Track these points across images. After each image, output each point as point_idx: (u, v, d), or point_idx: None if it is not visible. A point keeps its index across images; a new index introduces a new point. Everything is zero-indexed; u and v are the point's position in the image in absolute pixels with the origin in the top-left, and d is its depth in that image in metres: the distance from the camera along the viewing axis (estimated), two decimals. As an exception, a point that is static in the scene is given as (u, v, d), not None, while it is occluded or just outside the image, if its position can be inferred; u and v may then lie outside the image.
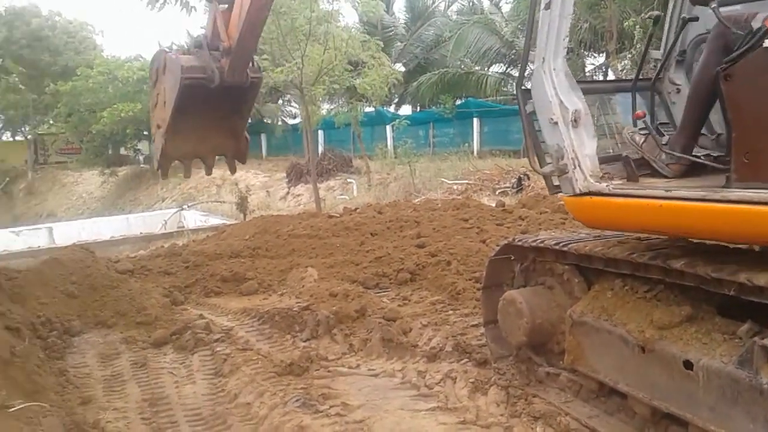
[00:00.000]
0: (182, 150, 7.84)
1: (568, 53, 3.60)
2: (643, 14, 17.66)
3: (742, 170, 2.82)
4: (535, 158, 3.64)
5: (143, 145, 37.23)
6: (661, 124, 3.94)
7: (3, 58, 37.18)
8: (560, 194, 3.66)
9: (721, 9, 3.29)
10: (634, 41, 18.95)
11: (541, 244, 4.15)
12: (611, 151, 3.84)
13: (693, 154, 3.47)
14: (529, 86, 3.62)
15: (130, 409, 4.35)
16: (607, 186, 3.34)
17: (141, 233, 16.94)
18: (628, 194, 3.26)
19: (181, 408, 4.35)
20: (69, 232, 19.39)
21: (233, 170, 8.31)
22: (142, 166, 38.21)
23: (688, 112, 3.51)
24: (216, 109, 8.02)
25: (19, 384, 4.05)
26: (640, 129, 3.77)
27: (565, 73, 3.47)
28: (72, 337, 5.68)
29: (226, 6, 7.81)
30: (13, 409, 3.66)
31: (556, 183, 3.61)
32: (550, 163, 3.55)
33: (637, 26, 17.80)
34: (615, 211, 3.33)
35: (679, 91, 4.02)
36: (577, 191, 3.42)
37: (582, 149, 3.41)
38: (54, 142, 42.85)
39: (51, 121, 40.20)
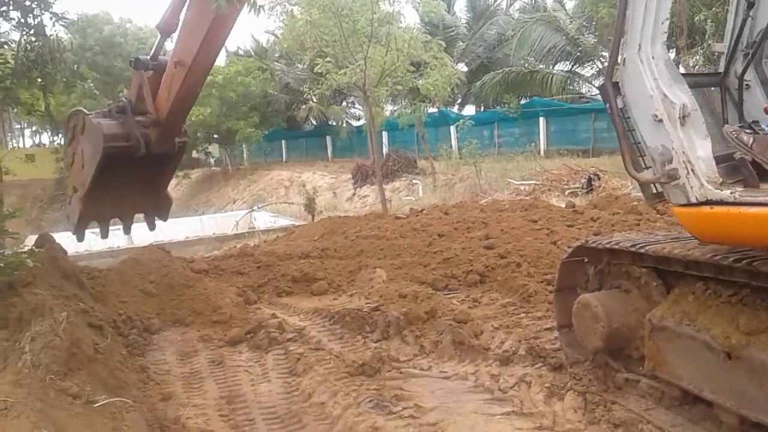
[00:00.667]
0: (101, 213, 7.97)
1: (667, 40, 3.16)
2: (715, 7, 17.03)
3: None
4: (630, 161, 3.24)
5: (213, 148, 38.22)
6: (754, 122, 3.51)
7: (78, 65, 38.83)
8: (659, 203, 3.35)
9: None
10: (706, 36, 18.27)
11: (617, 246, 4.03)
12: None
13: None
14: (619, 80, 3.25)
15: (208, 406, 4.48)
16: (732, 194, 2.91)
17: (214, 234, 17.42)
18: (761, 203, 2.79)
19: (258, 406, 4.45)
20: (146, 233, 20.07)
21: (152, 227, 8.82)
22: (213, 168, 39.29)
23: None
24: (139, 173, 8.04)
25: (102, 380, 4.22)
26: (740, 127, 3.39)
27: (666, 62, 3.09)
28: (152, 335, 5.91)
29: (152, 72, 7.79)
30: (97, 404, 3.83)
31: (657, 190, 3.24)
32: (649, 167, 3.16)
33: (709, 20, 17.15)
34: (744, 223, 2.87)
35: (748, 87, 3.67)
36: (693, 200, 3.01)
37: (694, 151, 3.01)
38: (127, 147, 44.42)
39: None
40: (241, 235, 16.50)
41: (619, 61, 3.21)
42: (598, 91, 27.92)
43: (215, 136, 35.27)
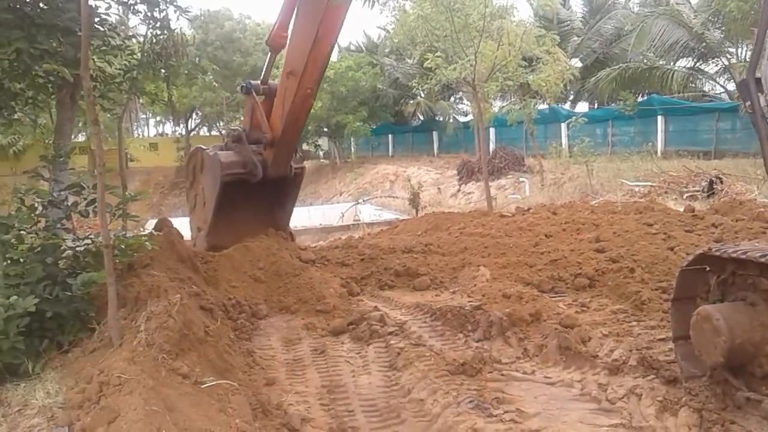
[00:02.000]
0: (225, 246, 7.84)
1: None
2: None
3: None
4: None
5: (323, 141, 39.14)
6: None
7: (199, 58, 40.82)
8: None
9: None
10: None
11: (743, 256, 3.74)
12: None
13: None
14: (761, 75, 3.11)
15: (310, 394, 4.56)
16: None
17: (320, 225, 17.81)
18: None
19: (358, 398, 4.49)
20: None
21: None
22: (322, 161, 40.25)
23: None
24: (259, 202, 8.19)
25: (211, 362, 4.38)
26: None
27: None
28: (259, 320, 6.09)
29: (264, 96, 7.95)
30: (205, 385, 3.98)
31: None
32: None
33: None
34: None
35: None
36: None
37: None
38: (242, 137, 46.30)
39: (242, 117, 43.46)
40: (346, 226, 16.78)
41: (763, 55, 3.04)
42: (722, 90, 26.44)
43: (325, 129, 36.09)
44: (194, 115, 47.24)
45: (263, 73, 8.19)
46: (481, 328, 5.52)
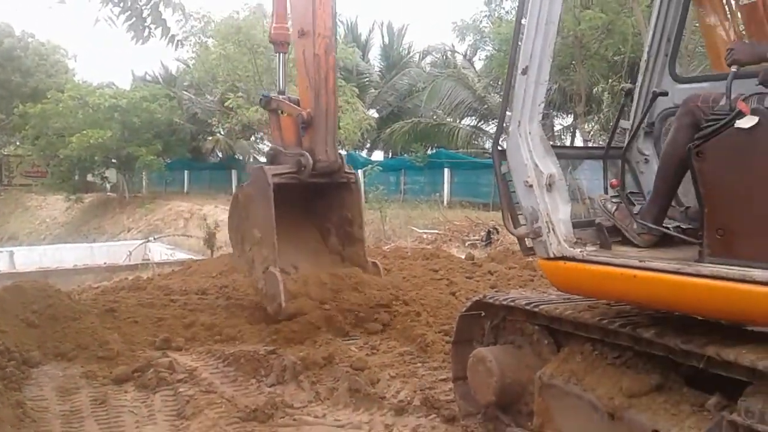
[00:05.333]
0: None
1: (543, 118, 3.66)
2: (612, 80, 18.31)
3: (714, 246, 2.91)
4: (509, 218, 3.68)
5: (111, 173, 36.76)
6: (631, 193, 4.00)
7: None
8: (533, 257, 3.69)
9: (688, 86, 3.43)
10: (602, 105, 19.62)
11: (512, 303, 4.18)
12: (583, 216, 3.94)
13: (663, 225, 3.55)
14: (504, 147, 3.66)
15: (87, 449, 4.23)
16: (580, 252, 3.39)
17: (105, 263, 16.63)
18: (603, 262, 3.30)
19: (141, 450, 4.25)
20: (30, 257, 18.96)
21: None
22: (108, 194, 37.68)
23: (659, 184, 3.58)
24: (321, 217, 7.60)
25: (-27, 415, 3.93)
26: (612, 197, 3.85)
27: (540, 138, 3.53)
28: (31, 368, 5.53)
29: (276, 110, 7.58)
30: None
31: (530, 245, 3.63)
32: (524, 225, 3.59)
33: (605, 92, 18.44)
34: (588, 277, 3.37)
35: (647, 161, 4.11)
36: (551, 255, 3.46)
37: (556, 213, 3.46)
38: (19, 164, 42.08)
39: (18, 143, 39.59)
40: (134, 266, 15.82)
41: (504, 131, 3.67)
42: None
43: (113, 160, 33.93)
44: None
45: (279, 80, 7.61)
46: (275, 373, 5.52)
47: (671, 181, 3.49)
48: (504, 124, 3.68)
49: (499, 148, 3.69)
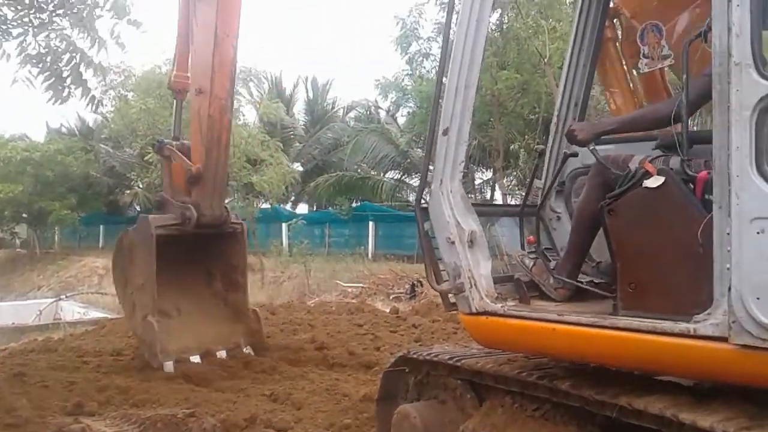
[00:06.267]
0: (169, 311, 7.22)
1: (463, 177, 3.75)
2: (527, 137, 19.09)
3: (627, 299, 3.03)
4: (432, 274, 3.73)
5: (21, 229, 35.12)
6: (546, 249, 4.14)
7: None
8: (456, 312, 3.73)
9: (598, 147, 3.65)
10: (519, 161, 20.37)
11: (435, 358, 4.21)
12: (501, 271, 4.05)
13: (578, 279, 3.68)
14: (426, 205, 3.75)
15: None
16: (501, 307, 3.45)
17: (13, 323, 15.73)
18: (523, 316, 3.38)
19: None
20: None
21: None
22: (18, 250, 35.91)
23: (573, 240, 3.71)
24: (204, 266, 7.68)
25: None
26: (529, 253, 3.96)
27: (461, 196, 3.62)
28: (-71, 442, 5.14)
29: (168, 157, 7.61)
30: None
31: (453, 300, 3.67)
32: (446, 281, 3.63)
33: (522, 149, 19.20)
34: (510, 331, 3.43)
35: (559, 218, 4.27)
36: (474, 310, 3.50)
37: (477, 269, 3.52)
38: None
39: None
40: (44, 326, 15.03)
41: (426, 189, 3.74)
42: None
43: (24, 215, 32.47)
44: None
45: (173, 126, 7.63)
46: (194, 437, 5.31)
47: (584, 238, 3.63)
48: (427, 181, 3.76)
49: (422, 205, 3.79)
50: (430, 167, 3.74)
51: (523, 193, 4.72)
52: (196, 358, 7.26)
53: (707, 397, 2.86)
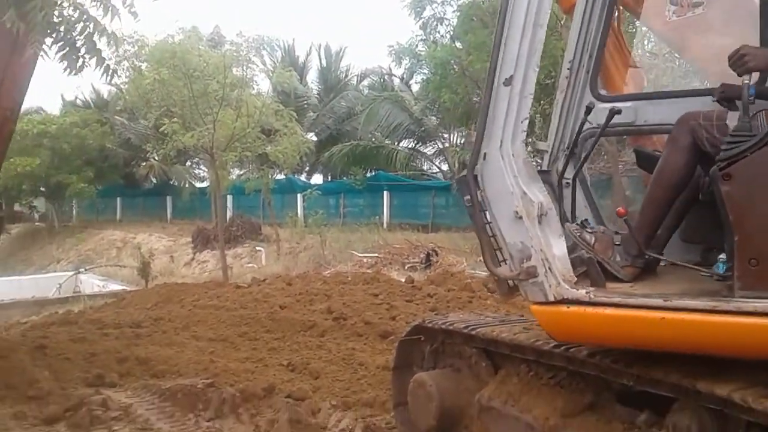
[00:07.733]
0: None
1: (527, 138, 3.15)
2: (543, 104, 18.81)
3: (747, 277, 2.61)
4: (489, 256, 3.12)
5: (39, 202, 35.50)
6: (584, 220, 3.59)
7: None
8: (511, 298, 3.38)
9: (610, 106, 3.43)
10: (535, 127, 20.11)
11: (450, 327, 4.19)
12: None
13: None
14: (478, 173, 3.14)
15: (14, 496, 4.04)
16: (587, 293, 2.91)
17: (33, 297, 15.98)
18: (618, 304, 2.85)
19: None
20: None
21: None
22: (37, 224, 36.35)
23: (648, 211, 3.22)
24: None
25: None
26: (582, 226, 3.37)
27: (524, 160, 3.08)
28: (-46, 412, 5.26)
29: None
30: None
31: (511, 285, 3.18)
32: (503, 262, 3.07)
33: (538, 114, 18.93)
34: (599, 323, 2.90)
35: (568, 184, 3.77)
36: (551, 298, 2.95)
37: (550, 249, 3.00)
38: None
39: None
40: (64, 299, 15.28)
41: (480, 155, 3.13)
42: (438, 169, 29.67)
43: (42, 189, 32.78)
44: None
45: None
46: (213, 407, 5.39)
47: (664, 207, 3.18)
48: (481, 147, 3.12)
49: (475, 173, 3.13)
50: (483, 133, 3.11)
51: (538, 161, 4.34)
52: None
53: (724, 366, 2.76)
